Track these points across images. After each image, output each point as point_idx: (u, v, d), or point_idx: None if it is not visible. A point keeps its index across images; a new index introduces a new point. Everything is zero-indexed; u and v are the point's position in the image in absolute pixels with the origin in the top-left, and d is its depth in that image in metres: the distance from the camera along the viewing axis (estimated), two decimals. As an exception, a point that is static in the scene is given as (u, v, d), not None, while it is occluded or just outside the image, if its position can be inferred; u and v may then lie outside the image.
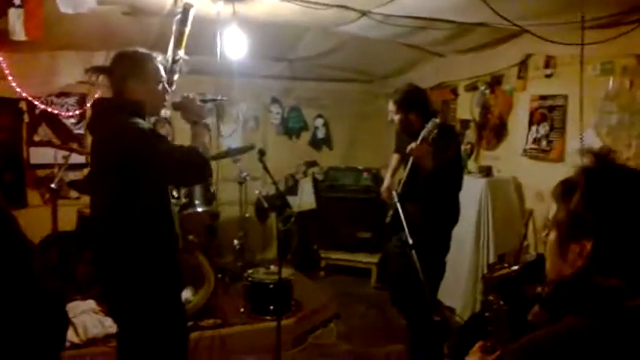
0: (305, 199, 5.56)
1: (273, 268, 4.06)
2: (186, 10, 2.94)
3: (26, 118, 4.92)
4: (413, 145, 2.85)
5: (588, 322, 0.94)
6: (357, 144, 6.26)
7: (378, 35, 4.10)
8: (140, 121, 2.16)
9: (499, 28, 3.62)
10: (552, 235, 1.07)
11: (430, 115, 3.08)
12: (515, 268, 1.24)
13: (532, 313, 1.10)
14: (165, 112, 2.87)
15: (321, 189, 5.63)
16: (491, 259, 3.95)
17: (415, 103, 3.15)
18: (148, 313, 2.25)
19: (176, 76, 2.98)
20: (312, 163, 5.91)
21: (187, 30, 3.00)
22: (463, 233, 3.44)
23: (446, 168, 2.92)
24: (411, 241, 2.24)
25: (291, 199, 5.61)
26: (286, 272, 4.03)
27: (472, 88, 4.72)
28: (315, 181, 5.65)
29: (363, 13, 3.54)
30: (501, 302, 1.23)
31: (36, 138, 4.95)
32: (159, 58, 2.36)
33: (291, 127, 6.06)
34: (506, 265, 1.24)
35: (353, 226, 5.49)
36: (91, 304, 3.59)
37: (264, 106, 5.90)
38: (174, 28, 3.04)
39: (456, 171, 3.06)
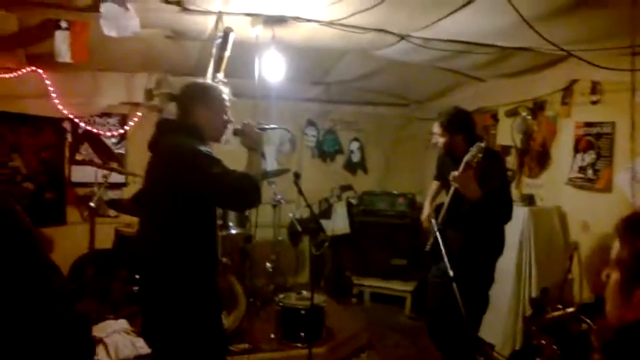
0: (339, 223, 5.49)
1: (305, 293, 3.99)
2: (226, 34, 2.97)
3: (69, 137, 5.06)
4: (456, 173, 2.74)
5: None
6: (392, 168, 6.18)
7: (416, 59, 4.06)
8: (197, 143, 2.19)
9: (543, 52, 3.53)
10: (615, 276, 0.97)
11: (476, 139, 2.98)
12: (571, 310, 1.14)
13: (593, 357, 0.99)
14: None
15: (355, 213, 5.55)
16: (534, 293, 3.76)
17: (461, 126, 3.05)
18: (188, 336, 2.21)
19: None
20: (347, 187, 5.85)
21: (227, 54, 3.03)
22: (504, 264, 3.29)
23: (493, 196, 2.80)
24: (451, 273, 2.13)
25: (324, 223, 5.55)
26: (318, 298, 3.95)
27: (513, 113, 4.59)
28: (349, 205, 5.58)
29: (402, 37, 3.50)
30: (554, 347, 1.13)
31: (78, 157, 5.08)
32: (225, 89, 2.41)
33: (327, 151, 6.04)
34: (559, 306, 1.14)
35: (387, 252, 5.37)
36: (122, 323, 3.59)
37: (299, 128, 5.90)
38: (214, 51, 3.07)
39: (504, 199, 2.91)
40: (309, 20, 3.20)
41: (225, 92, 2.41)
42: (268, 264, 4.49)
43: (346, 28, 3.28)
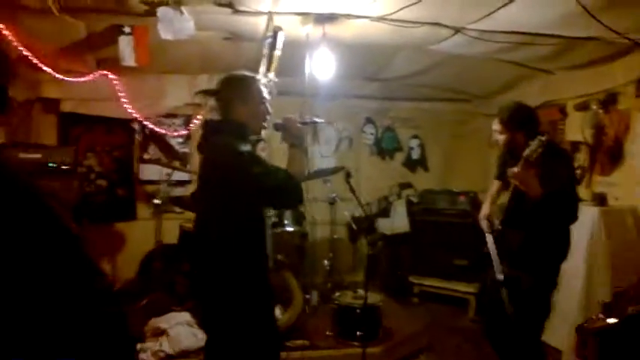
0: (398, 222, 5.40)
1: (361, 291, 3.96)
2: (275, 33, 3.01)
3: (138, 137, 5.32)
4: (514, 169, 2.60)
5: None
6: (453, 166, 6.00)
7: (474, 52, 3.91)
8: (240, 144, 2.23)
9: (614, 42, 3.29)
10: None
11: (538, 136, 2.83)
12: (614, 321, 1.04)
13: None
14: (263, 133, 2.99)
15: (415, 212, 5.44)
16: (606, 297, 3.51)
17: (523, 123, 2.87)
18: (239, 328, 2.28)
19: (269, 97, 3.05)
20: (406, 185, 5.74)
21: (277, 53, 3.06)
22: (572, 267, 3.08)
23: (558, 194, 2.63)
24: (501, 278, 2.03)
25: (383, 221, 5.51)
26: (374, 298, 3.92)
27: (583, 107, 4.31)
28: (409, 203, 5.47)
29: (457, 30, 3.39)
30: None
31: (146, 156, 5.33)
32: (262, 80, 2.43)
33: (385, 148, 5.96)
34: (602, 316, 1.04)
35: (449, 252, 5.21)
36: (185, 316, 3.72)
37: (357, 126, 5.87)
38: (265, 51, 3.11)
39: (569, 198, 2.72)
40: (359, 17, 3.17)
41: (262, 81, 2.40)
42: (325, 261, 4.50)
43: (397, 22, 3.21)
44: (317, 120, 2.66)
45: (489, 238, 2.33)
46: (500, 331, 2.81)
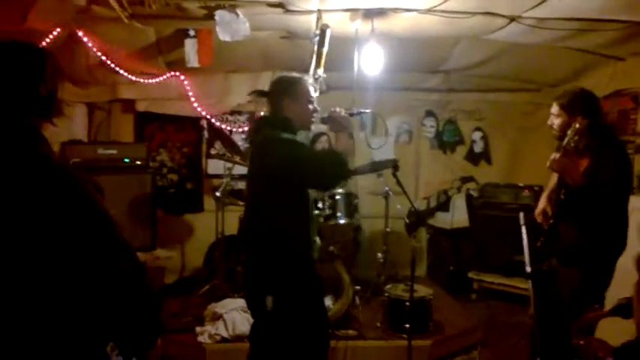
0: (458, 216, 5.33)
1: (415, 285, 3.97)
2: (323, 31, 3.10)
3: (206, 134, 5.62)
4: (552, 156, 2.54)
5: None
6: (519, 159, 5.78)
7: (534, 41, 3.79)
8: (287, 134, 2.42)
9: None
10: (636, 276, 0.89)
11: (599, 126, 2.72)
12: (605, 310, 1.04)
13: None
14: (318, 127, 3.14)
15: (475, 206, 5.33)
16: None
17: (583, 108, 2.75)
18: (285, 314, 2.39)
19: (317, 94, 3.16)
20: (469, 179, 5.62)
21: (325, 50, 3.15)
22: (628, 263, 2.90)
23: (603, 185, 2.52)
24: (529, 270, 2.00)
25: (443, 215, 5.45)
26: (425, 291, 3.92)
27: (657, 95, 4.03)
28: (469, 197, 5.37)
29: (512, 19, 3.30)
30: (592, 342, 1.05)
31: (212, 151, 5.63)
32: (310, 80, 2.59)
33: (446, 141, 5.85)
34: (597, 306, 1.05)
35: (510, 247, 5.04)
36: (240, 302, 3.90)
37: (418, 119, 5.81)
38: (314, 48, 3.22)
39: (616, 189, 2.59)
40: (407, 9, 3.18)
41: (310, 81, 2.56)
42: (379, 254, 4.54)
43: (448, 14, 3.19)
44: (363, 110, 2.75)
45: (523, 230, 2.29)
46: (545, 327, 2.74)
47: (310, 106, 2.52)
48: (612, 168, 2.54)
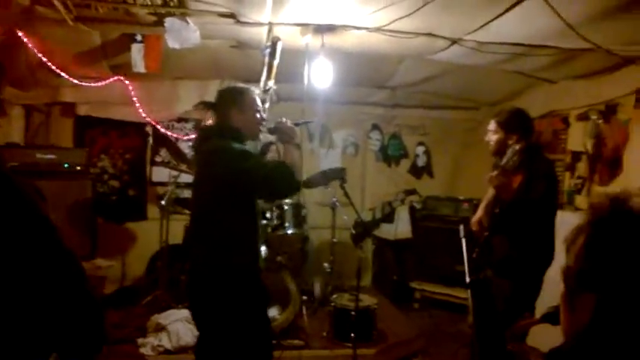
0: (401, 227, 5.47)
1: (360, 295, 4.05)
2: (274, 43, 3.13)
3: (151, 140, 5.51)
4: (491, 173, 2.70)
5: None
6: (460, 173, 6.04)
7: (475, 62, 3.98)
8: (234, 143, 2.40)
9: (614, 53, 3.33)
10: (561, 286, 0.98)
11: (532, 145, 2.91)
12: (536, 319, 1.13)
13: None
14: (266, 137, 3.13)
15: (418, 218, 5.50)
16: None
17: (518, 127, 2.93)
18: (230, 324, 2.38)
19: (267, 105, 3.19)
20: (412, 191, 5.79)
21: (276, 62, 3.19)
22: (557, 274, 3.11)
23: (533, 202, 2.70)
24: (468, 280, 2.12)
25: (387, 227, 5.58)
26: (369, 301, 4.01)
27: (584, 117, 4.33)
28: (412, 209, 5.54)
29: (454, 41, 3.47)
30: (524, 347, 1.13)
31: (157, 158, 5.52)
32: (257, 91, 2.59)
33: (391, 155, 6.04)
34: (527, 314, 1.13)
35: (451, 258, 5.24)
36: (184, 313, 3.85)
37: (364, 132, 5.96)
38: (265, 60, 3.25)
39: (545, 205, 2.79)
40: (357, 28, 3.28)
41: (257, 92, 2.58)
42: (326, 264, 4.60)
43: (394, 33, 3.31)
44: (308, 120, 2.80)
45: (463, 242, 2.42)
46: (486, 335, 2.88)
47: (257, 116, 2.54)
48: (543, 185, 2.72)
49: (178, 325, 3.73)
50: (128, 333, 3.88)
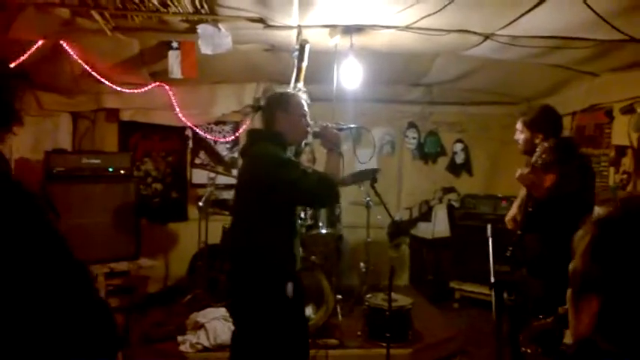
0: (439, 226, 5.41)
1: (393, 294, 4.03)
2: (302, 46, 3.17)
3: (190, 143, 5.66)
4: (520, 171, 2.65)
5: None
6: (498, 170, 5.89)
7: (510, 57, 3.89)
8: (280, 150, 2.47)
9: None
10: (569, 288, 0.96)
11: (564, 141, 2.84)
12: (550, 320, 1.11)
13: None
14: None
15: (456, 216, 5.42)
16: None
17: (544, 125, 2.92)
18: (268, 324, 2.44)
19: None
20: (450, 189, 5.72)
21: (305, 64, 3.22)
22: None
23: (566, 199, 2.62)
24: (492, 280, 2.08)
25: (424, 225, 5.53)
26: (404, 300, 3.99)
27: (629, 110, 4.15)
28: (450, 208, 5.46)
29: (487, 37, 3.40)
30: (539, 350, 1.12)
31: (197, 161, 5.67)
32: (304, 96, 2.63)
33: (428, 152, 5.96)
34: (541, 316, 1.12)
35: (489, 257, 5.14)
36: (222, 311, 3.95)
37: (400, 131, 5.91)
38: (295, 63, 3.29)
39: (580, 201, 2.69)
40: (385, 27, 3.27)
41: (304, 98, 2.61)
42: (362, 264, 4.61)
43: (424, 31, 3.28)
44: (352, 125, 2.81)
45: (490, 241, 2.38)
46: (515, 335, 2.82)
47: (303, 121, 2.56)
48: (575, 182, 2.64)
49: (216, 323, 3.83)
50: (169, 331, 4.01)
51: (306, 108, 2.59)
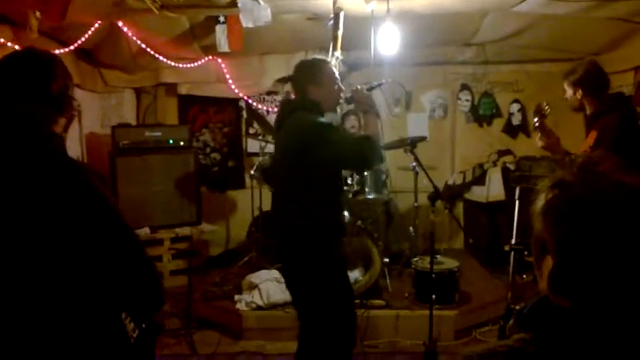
0: (493, 189, 5.30)
1: (439, 257, 4.08)
2: (336, 15, 3.18)
3: (244, 114, 5.86)
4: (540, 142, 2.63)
5: (529, 342, 0.89)
6: (558, 130, 5.55)
7: (559, 12, 3.71)
8: (317, 116, 2.49)
9: None
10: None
11: (608, 97, 2.81)
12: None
13: (507, 326, 1.04)
14: (342, 107, 3.19)
15: (512, 179, 5.28)
16: None
17: (589, 84, 2.90)
18: (318, 285, 2.53)
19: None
20: (506, 152, 5.57)
21: (340, 32, 3.24)
22: None
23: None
24: (513, 241, 2.09)
25: (479, 189, 5.45)
26: (451, 264, 4.01)
27: (699, 62, 3.84)
28: (505, 170, 5.32)
29: (530, -9, 3.26)
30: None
31: (251, 131, 5.88)
32: (333, 61, 2.67)
33: (483, 114, 5.78)
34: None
35: (547, 220, 5.01)
36: (274, 273, 4.15)
37: (453, 93, 5.78)
38: (330, 31, 3.32)
39: (618, 154, 2.59)
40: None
41: (334, 63, 2.63)
42: (411, 228, 4.64)
43: (464, -11, 3.20)
44: (383, 82, 2.78)
45: (516, 204, 2.37)
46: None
47: (335, 87, 2.57)
48: (614, 134, 2.56)
49: (269, 284, 4.05)
50: (227, 291, 4.30)
51: (336, 74, 2.59)
